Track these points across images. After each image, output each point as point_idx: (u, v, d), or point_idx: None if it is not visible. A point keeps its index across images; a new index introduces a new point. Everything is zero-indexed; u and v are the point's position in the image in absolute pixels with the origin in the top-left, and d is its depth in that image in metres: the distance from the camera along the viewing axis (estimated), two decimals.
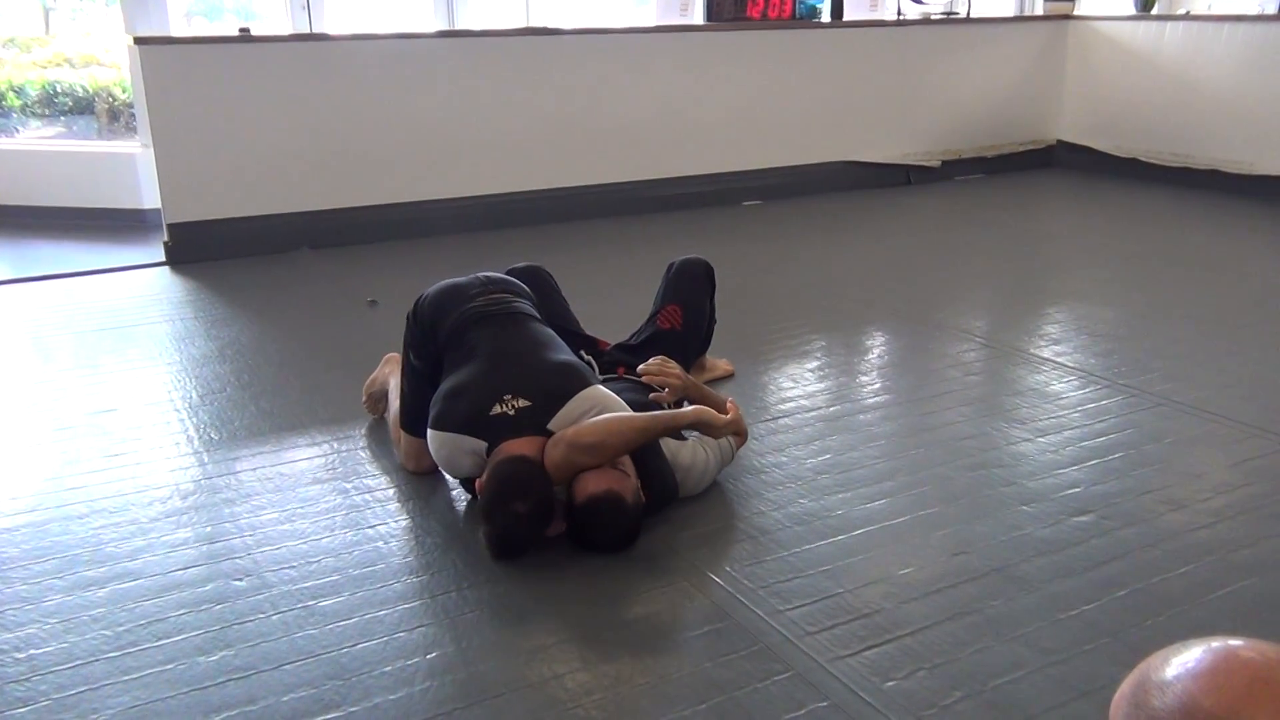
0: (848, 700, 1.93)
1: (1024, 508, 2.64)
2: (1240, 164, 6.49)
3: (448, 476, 2.78)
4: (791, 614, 2.20)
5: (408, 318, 2.83)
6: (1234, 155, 6.54)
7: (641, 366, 2.84)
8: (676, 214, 6.14)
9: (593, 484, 2.39)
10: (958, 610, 2.20)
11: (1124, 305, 4.40)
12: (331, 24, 6.12)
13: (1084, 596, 2.25)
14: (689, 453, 2.66)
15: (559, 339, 2.79)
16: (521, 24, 6.29)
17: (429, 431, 2.56)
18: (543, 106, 5.86)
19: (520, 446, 2.42)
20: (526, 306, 2.83)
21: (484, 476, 2.39)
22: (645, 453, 2.54)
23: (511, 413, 2.46)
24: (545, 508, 2.37)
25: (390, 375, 3.09)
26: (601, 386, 2.61)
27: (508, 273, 3.32)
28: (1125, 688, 0.85)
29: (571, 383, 2.55)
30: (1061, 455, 2.94)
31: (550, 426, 2.47)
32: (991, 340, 3.97)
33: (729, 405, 2.71)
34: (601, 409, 2.50)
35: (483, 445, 2.46)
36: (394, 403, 2.97)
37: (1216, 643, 0.83)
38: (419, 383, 2.76)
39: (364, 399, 3.21)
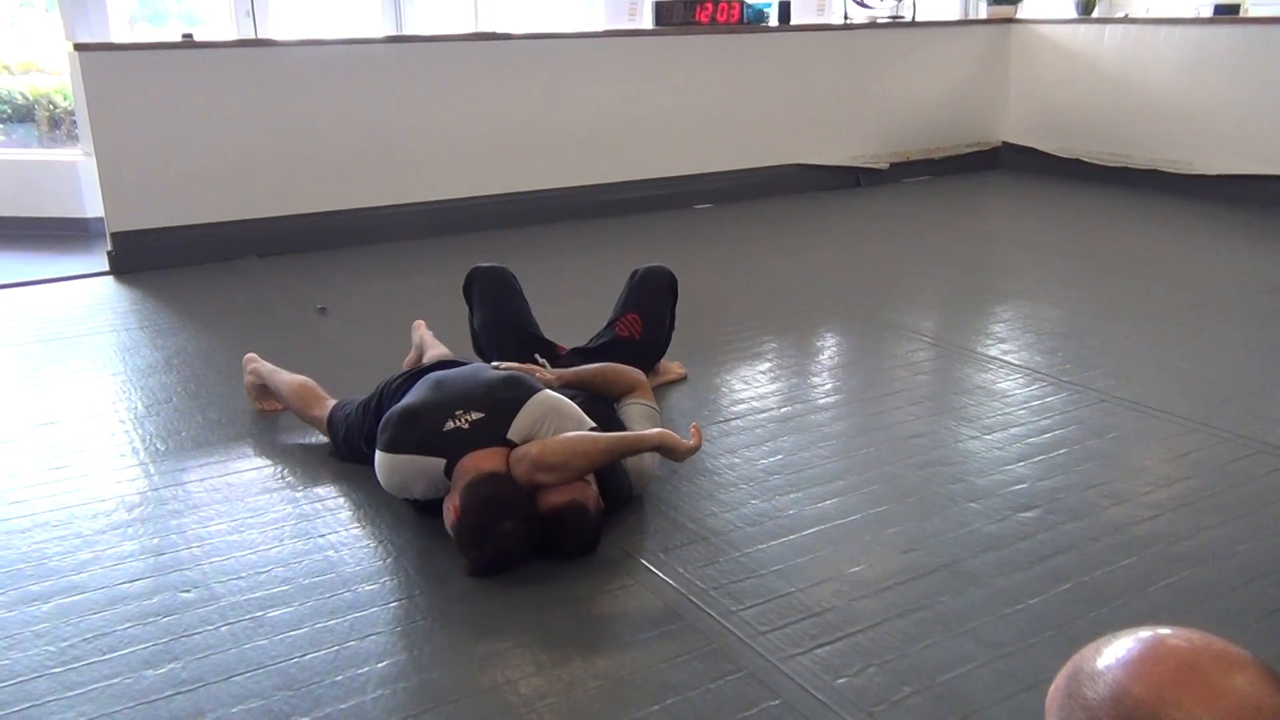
0: (800, 698, 1.95)
1: (971, 504, 2.67)
2: (1179, 164, 6.63)
3: None
4: (744, 614, 2.21)
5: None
6: (1173, 155, 6.68)
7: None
8: (628, 218, 6.15)
9: (555, 495, 2.38)
10: (907, 607, 2.23)
11: (1068, 304, 4.48)
12: (277, 30, 6.07)
13: (1030, 590, 2.28)
14: (650, 459, 2.67)
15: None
16: (470, 29, 6.28)
17: (379, 455, 2.50)
18: (492, 112, 5.85)
19: (483, 459, 2.39)
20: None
21: (458, 501, 2.32)
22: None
23: (466, 426, 2.44)
24: (531, 521, 2.34)
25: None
26: (551, 392, 2.61)
27: (472, 273, 3.32)
28: (1060, 679, 0.87)
29: (521, 391, 2.54)
30: (1008, 452, 2.99)
31: (510, 436, 2.45)
32: (940, 339, 4.02)
33: (693, 429, 2.61)
34: (557, 414, 2.50)
35: (440, 463, 2.41)
36: (328, 404, 3.02)
37: (1146, 632, 0.85)
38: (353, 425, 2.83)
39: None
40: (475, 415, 2.46)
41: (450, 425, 2.44)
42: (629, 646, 2.13)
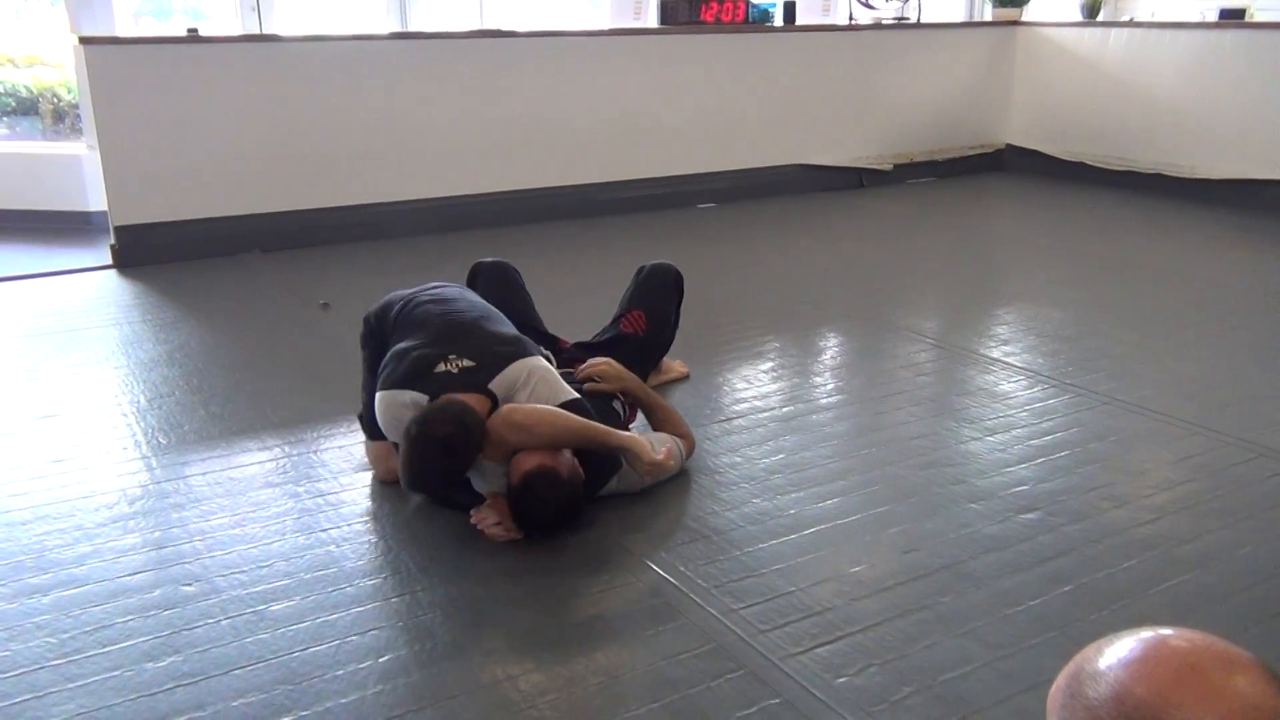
0: (800, 697, 1.95)
1: (973, 505, 2.67)
2: (1183, 168, 6.63)
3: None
4: (744, 612, 2.21)
5: (364, 319, 2.88)
6: (1177, 159, 6.67)
7: (587, 363, 2.90)
8: (631, 216, 6.15)
9: (527, 462, 2.44)
10: (908, 607, 2.23)
11: (1070, 306, 4.48)
12: (282, 25, 6.07)
13: (1031, 592, 2.28)
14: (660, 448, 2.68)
15: (504, 316, 2.86)
16: (475, 26, 6.27)
17: (379, 395, 2.58)
18: (496, 109, 5.85)
19: (463, 398, 2.47)
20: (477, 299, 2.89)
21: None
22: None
23: (455, 371, 2.53)
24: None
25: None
26: (544, 360, 2.67)
27: (476, 267, 3.34)
28: (1061, 679, 0.88)
29: (516, 350, 2.63)
30: (1009, 454, 2.99)
31: (491, 387, 2.52)
32: (942, 341, 4.02)
33: (665, 450, 2.66)
34: (540, 380, 2.58)
35: (423, 398, 2.49)
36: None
37: (1148, 632, 0.86)
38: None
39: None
40: (466, 362, 2.55)
41: (441, 368, 2.54)
42: (629, 643, 2.14)
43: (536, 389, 2.57)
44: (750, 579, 2.34)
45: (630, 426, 2.90)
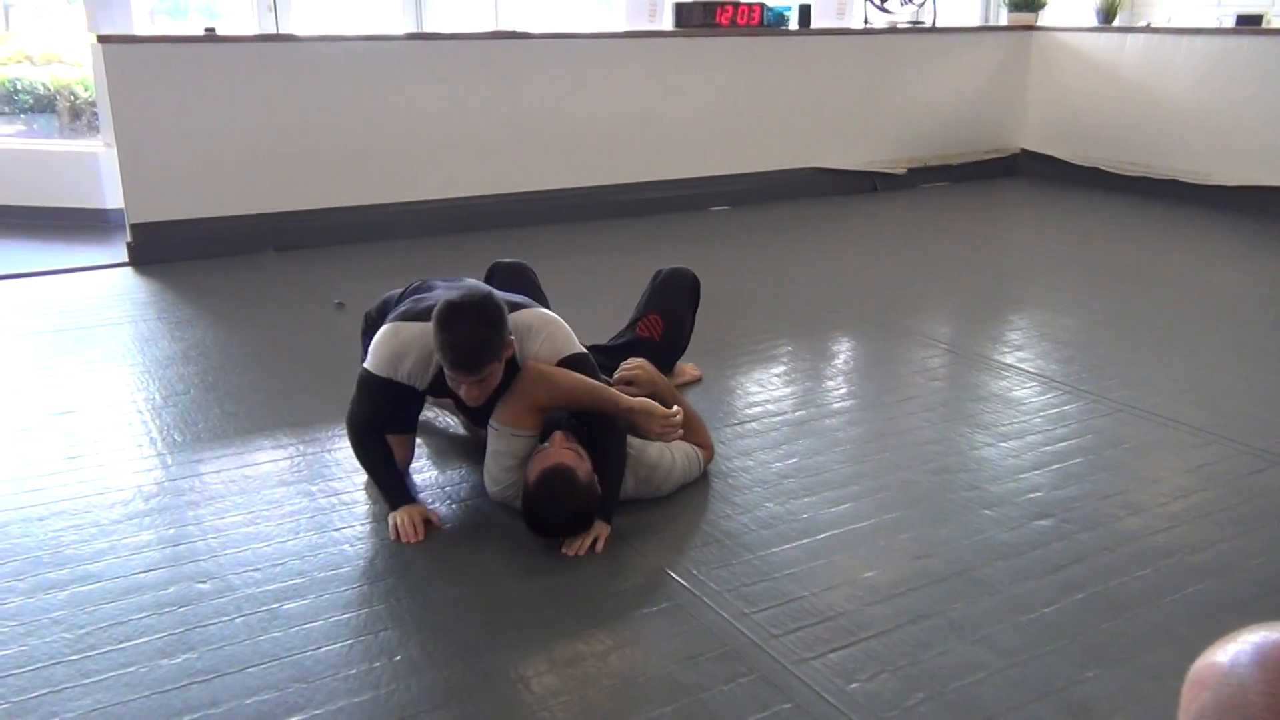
0: (812, 702, 1.95)
1: (986, 512, 2.67)
2: (1198, 174, 6.61)
3: (413, 477, 2.79)
4: (757, 617, 2.21)
5: (365, 314, 2.99)
6: (1192, 165, 6.65)
7: (621, 367, 2.92)
8: (644, 219, 6.16)
9: (543, 460, 2.45)
10: (920, 613, 2.23)
11: (1084, 312, 4.46)
12: (298, 25, 6.09)
13: (1044, 599, 2.28)
14: (655, 451, 2.69)
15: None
16: (490, 27, 6.29)
17: (387, 327, 2.62)
18: (511, 110, 5.86)
19: None
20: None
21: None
22: (605, 437, 2.60)
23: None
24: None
25: None
26: (552, 314, 2.74)
27: (493, 267, 3.37)
28: (1205, 677, 0.81)
29: (528, 302, 2.73)
30: (1023, 460, 2.98)
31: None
32: (955, 346, 4.01)
33: (677, 417, 2.71)
34: (555, 327, 2.65)
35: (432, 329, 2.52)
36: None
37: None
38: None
39: None
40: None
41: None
42: (642, 646, 2.14)
43: (553, 334, 2.63)
44: (763, 583, 2.34)
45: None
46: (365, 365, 2.64)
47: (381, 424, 2.69)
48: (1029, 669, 2.04)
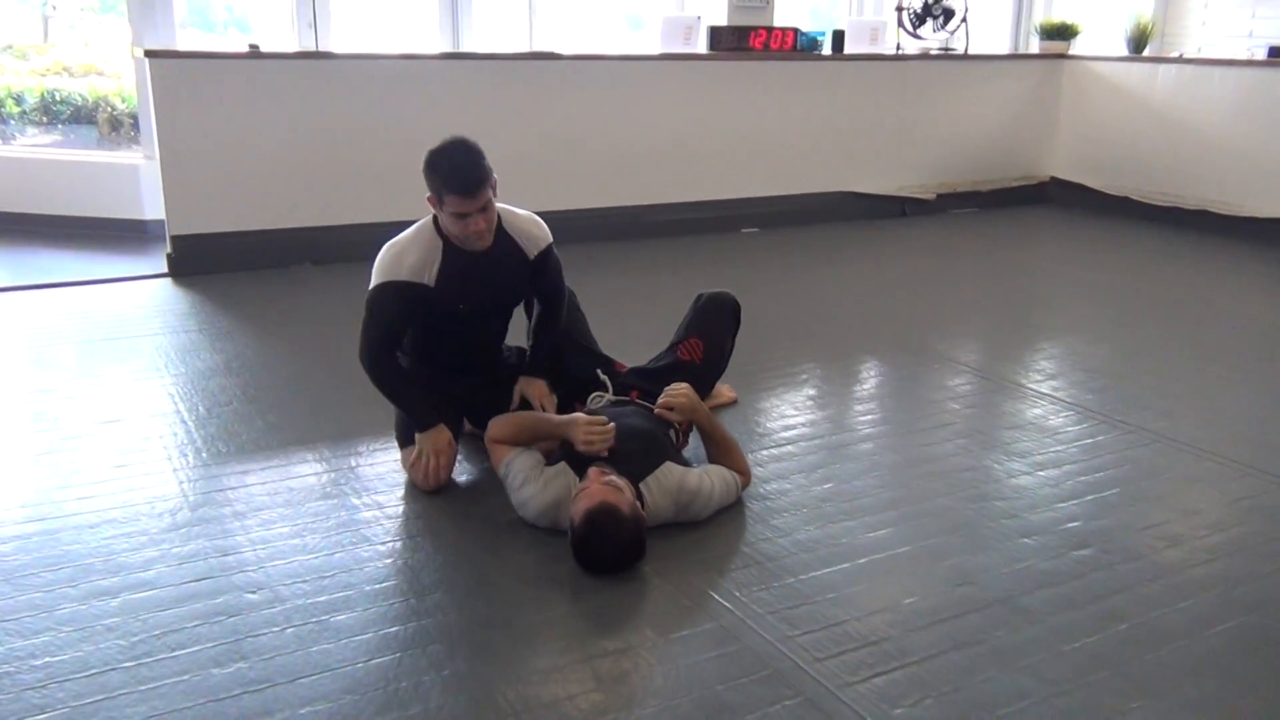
0: None
1: (1025, 540, 2.68)
2: (1229, 205, 6.60)
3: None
4: (800, 640, 2.23)
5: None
6: (1223, 196, 6.65)
7: (665, 392, 2.96)
8: (676, 239, 6.20)
9: (586, 501, 2.45)
10: (963, 640, 2.24)
11: (1116, 342, 4.47)
12: (337, 43, 6.17)
13: (1087, 629, 2.29)
14: (695, 479, 2.71)
15: None
16: (525, 48, 6.35)
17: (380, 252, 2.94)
18: (543, 130, 5.92)
19: None
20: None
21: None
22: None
23: None
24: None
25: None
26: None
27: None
28: None
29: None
30: (1060, 489, 2.99)
31: None
32: (988, 373, 4.02)
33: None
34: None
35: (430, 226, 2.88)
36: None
37: None
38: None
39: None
40: None
41: None
42: (687, 667, 2.16)
43: (537, 219, 3.16)
44: (804, 606, 2.36)
45: (683, 452, 2.94)
46: (370, 287, 2.72)
47: (397, 340, 2.79)
48: (1074, 698, 2.05)
